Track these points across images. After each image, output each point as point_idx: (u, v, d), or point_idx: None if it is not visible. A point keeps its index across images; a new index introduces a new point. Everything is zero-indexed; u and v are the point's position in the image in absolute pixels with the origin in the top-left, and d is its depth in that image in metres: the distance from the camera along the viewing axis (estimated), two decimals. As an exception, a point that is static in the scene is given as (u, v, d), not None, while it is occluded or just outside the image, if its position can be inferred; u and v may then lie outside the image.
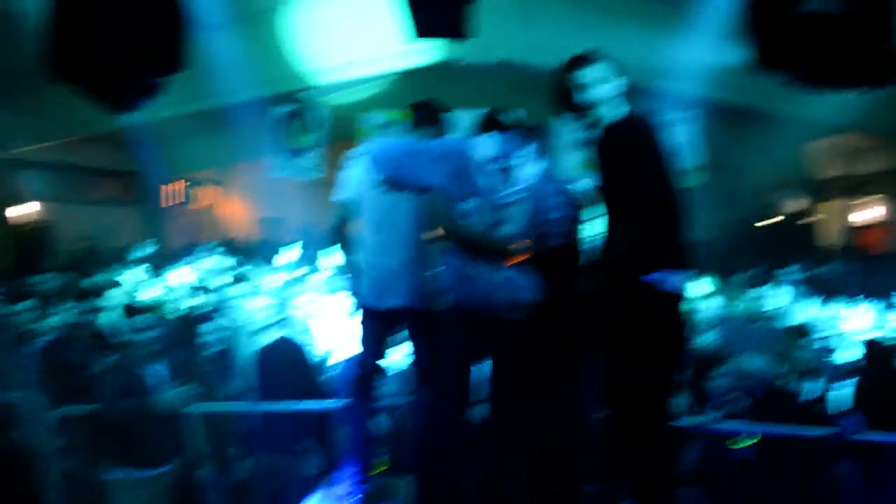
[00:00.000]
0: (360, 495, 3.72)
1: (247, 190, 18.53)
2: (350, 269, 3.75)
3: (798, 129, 11.70)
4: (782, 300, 6.44)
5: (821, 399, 4.37)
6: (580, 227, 3.51)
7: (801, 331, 4.55)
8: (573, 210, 3.55)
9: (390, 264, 3.59)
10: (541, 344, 3.63)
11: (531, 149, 3.46)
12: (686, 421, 4.08)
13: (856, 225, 15.66)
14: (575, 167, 4.08)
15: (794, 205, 15.66)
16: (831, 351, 5.18)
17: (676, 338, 3.23)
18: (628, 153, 3.15)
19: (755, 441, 4.09)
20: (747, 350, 5.05)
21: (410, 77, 10.31)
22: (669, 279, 3.13)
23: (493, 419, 3.58)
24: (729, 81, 8.81)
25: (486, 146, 3.42)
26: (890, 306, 5.90)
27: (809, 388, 4.39)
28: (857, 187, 14.51)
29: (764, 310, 5.80)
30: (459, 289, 3.39)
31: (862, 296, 6.82)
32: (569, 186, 3.63)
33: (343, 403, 3.89)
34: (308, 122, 11.46)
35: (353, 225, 3.78)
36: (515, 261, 3.35)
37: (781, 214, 16.94)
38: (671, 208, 3.23)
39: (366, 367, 3.78)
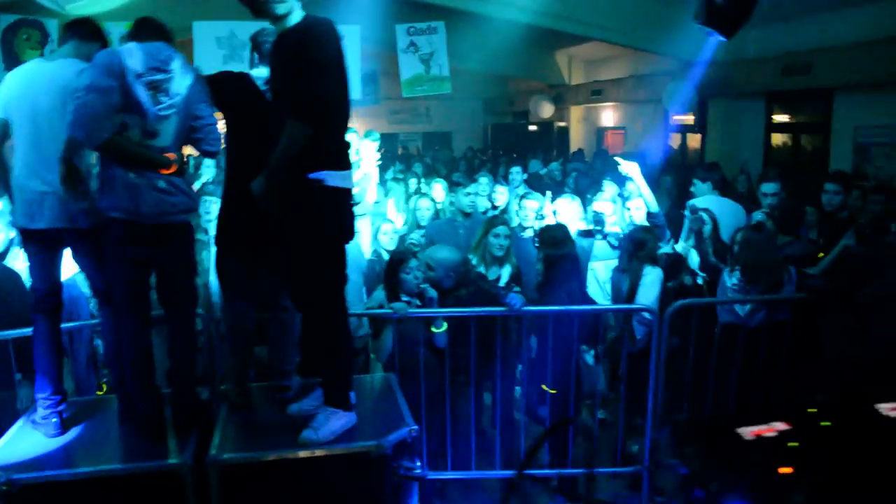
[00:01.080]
0: (57, 418, 3.67)
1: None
2: (5, 191, 3.61)
3: (540, 35, 12.40)
4: (498, 197, 6.95)
5: (508, 281, 4.85)
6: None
7: (496, 222, 4.96)
8: None
9: (39, 186, 3.47)
10: (231, 247, 3.76)
11: (182, 59, 3.47)
12: (384, 311, 4.39)
13: (600, 128, 16.98)
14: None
15: (543, 110, 16.58)
16: (526, 240, 5.65)
17: (342, 231, 3.44)
18: (303, 57, 3.23)
19: (446, 325, 4.47)
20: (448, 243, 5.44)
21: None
22: (332, 177, 3.31)
23: (177, 326, 3.69)
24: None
25: (139, 58, 3.35)
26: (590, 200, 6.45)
27: (496, 273, 4.86)
28: (600, 93, 15.62)
29: (472, 206, 6.17)
30: (121, 201, 3.37)
31: (573, 191, 7.52)
32: None
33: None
34: (39, 35, 10.48)
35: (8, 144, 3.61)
36: (172, 170, 3.42)
37: (533, 119, 18.01)
38: (339, 112, 3.39)
39: (38, 290, 3.68)
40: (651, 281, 4.83)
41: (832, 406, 3.00)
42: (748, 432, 3.14)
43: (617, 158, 5.64)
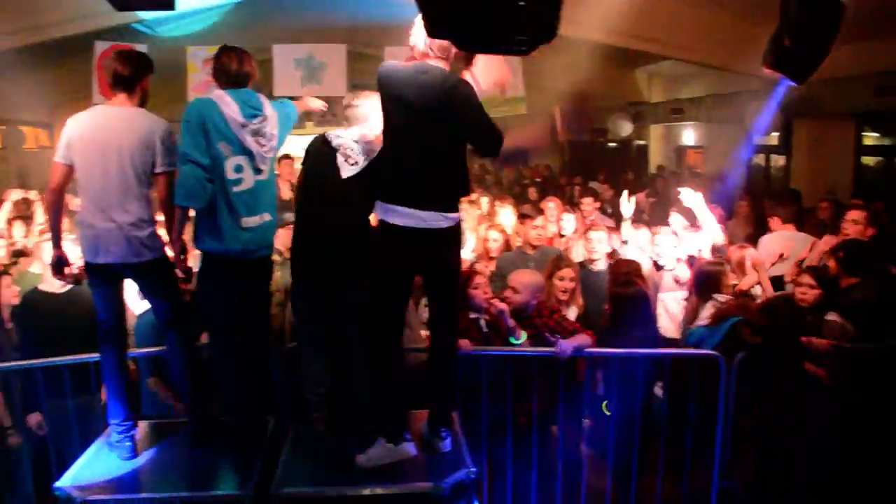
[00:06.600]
0: (130, 442, 3.84)
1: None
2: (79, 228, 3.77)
3: (620, 53, 12.22)
4: (566, 225, 6.85)
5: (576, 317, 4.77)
6: None
7: (561, 265, 4.90)
8: None
9: (103, 223, 3.65)
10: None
11: (266, 101, 3.77)
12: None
13: (679, 146, 16.62)
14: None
15: (622, 128, 16.32)
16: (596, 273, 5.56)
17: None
18: None
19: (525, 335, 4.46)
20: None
21: (243, 8, 10.18)
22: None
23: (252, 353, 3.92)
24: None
25: (236, 108, 3.63)
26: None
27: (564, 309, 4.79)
28: (681, 111, 15.31)
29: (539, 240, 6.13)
30: (232, 242, 3.70)
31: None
32: None
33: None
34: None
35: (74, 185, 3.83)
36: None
37: (612, 137, 17.74)
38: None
39: (104, 322, 3.86)
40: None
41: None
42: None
43: (679, 189, 5.50)
